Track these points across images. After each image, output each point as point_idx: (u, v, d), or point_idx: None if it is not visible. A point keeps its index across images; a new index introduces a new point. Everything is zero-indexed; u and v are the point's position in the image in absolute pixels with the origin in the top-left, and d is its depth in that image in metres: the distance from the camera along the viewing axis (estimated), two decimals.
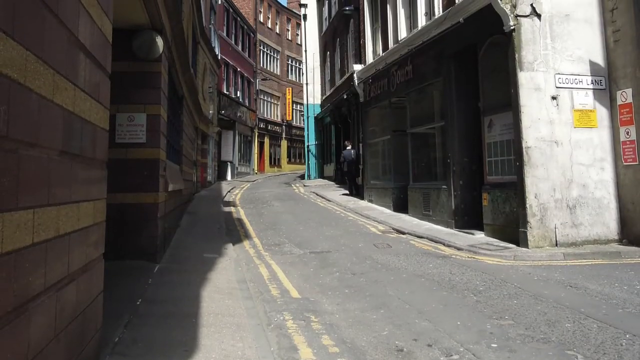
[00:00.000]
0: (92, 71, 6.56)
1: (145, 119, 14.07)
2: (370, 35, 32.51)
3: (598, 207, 17.14)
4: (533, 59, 17.19)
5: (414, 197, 24.65)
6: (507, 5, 17.25)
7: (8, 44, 4.10)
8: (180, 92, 23.19)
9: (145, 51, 14.08)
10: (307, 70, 55.20)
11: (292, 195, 36.84)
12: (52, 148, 5.22)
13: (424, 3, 24.70)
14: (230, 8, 58.14)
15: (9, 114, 4.14)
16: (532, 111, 16.97)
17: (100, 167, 7.11)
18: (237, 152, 59.75)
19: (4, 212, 4.13)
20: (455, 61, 21.28)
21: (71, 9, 5.67)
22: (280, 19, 78.49)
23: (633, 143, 16.77)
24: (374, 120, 31.50)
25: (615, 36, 17.52)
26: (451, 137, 21.30)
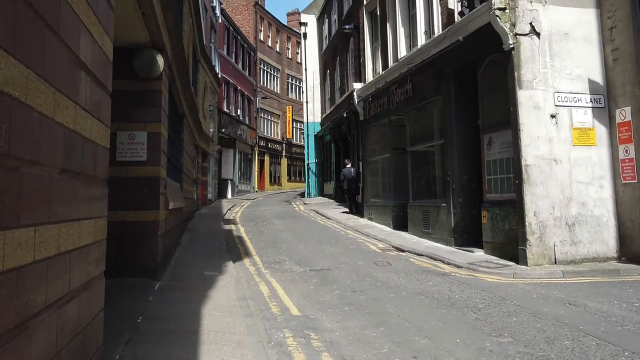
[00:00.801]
0: (93, 89, 6.58)
1: (146, 137, 14.10)
2: (370, 54, 32.60)
3: (597, 225, 17.17)
4: (532, 78, 17.25)
5: (413, 215, 24.67)
6: (507, 23, 17.31)
7: (9, 62, 4.11)
8: (180, 110, 23.23)
9: (145, 70, 14.12)
10: (307, 88, 55.25)
11: (292, 213, 36.84)
12: (53, 166, 5.22)
13: (424, 21, 24.78)
14: (231, 26, 58.29)
15: (10, 132, 4.13)
16: (532, 129, 17.02)
17: (101, 185, 7.12)
18: (237, 170, 59.78)
19: (6, 230, 4.12)
20: (455, 79, 21.35)
21: (72, 27, 5.69)
22: (281, 38, 78.65)
23: (632, 161, 16.81)
24: (374, 138, 31.55)
25: (614, 54, 17.58)
26: (451, 155, 21.35)
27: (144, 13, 12.01)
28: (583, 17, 18.04)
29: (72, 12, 5.66)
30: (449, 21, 21.55)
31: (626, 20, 17.13)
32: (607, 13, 17.85)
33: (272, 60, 74.95)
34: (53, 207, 5.26)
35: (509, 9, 17.39)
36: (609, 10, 17.76)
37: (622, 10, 17.24)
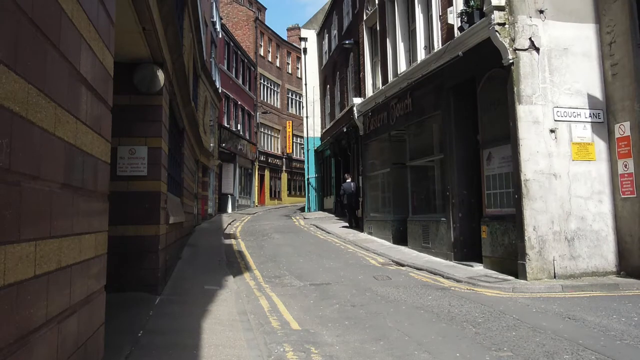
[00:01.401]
0: (94, 104, 6.60)
1: (146, 152, 14.13)
2: (370, 69, 32.69)
3: (596, 240, 17.18)
4: (532, 92, 17.29)
5: (413, 230, 24.70)
6: (506, 39, 17.37)
7: (10, 77, 4.12)
8: (181, 125, 23.27)
9: (146, 85, 14.16)
10: (307, 103, 55.36)
11: (293, 228, 36.83)
12: (54, 181, 5.23)
13: (424, 37, 24.85)
14: (231, 42, 58.39)
15: (11, 147, 4.14)
16: (531, 144, 17.06)
17: (101, 200, 7.14)
18: (237, 184, 59.80)
19: (7, 245, 4.13)
20: (454, 94, 21.40)
21: (73, 42, 5.71)
22: (281, 53, 78.77)
23: (631, 176, 16.85)
24: (374, 153, 31.60)
25: (614, 70, 17.63)
26: (450, 170, 21.38)
27: (145, 28, 12.06)
28: (582, 32, 18.10)
29: (73, 27, 5.69)
30: (448, 36, 21.62)
31: (625, 35, 17.19)
32: (606, 28, 17.90)
33: (272, 75, 75.07)
34: (54, 221, 5.26)
35: (508, 24, 17.44)
36: (608, 26, 17.82)
37: (621, 26, 17.30)
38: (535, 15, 17.68)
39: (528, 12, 17.61)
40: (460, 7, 20.50)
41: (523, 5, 17.59)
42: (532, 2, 17.71)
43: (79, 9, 5.85)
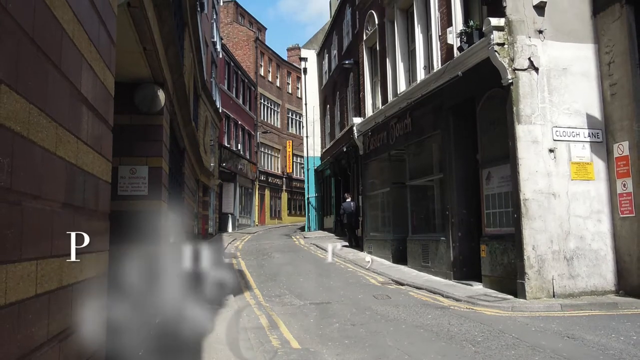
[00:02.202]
0: (95, 124, 6.62)
1: (147, 172, 14.18)
2: (369, 89, 32.76)
3: (595, 259, 17.19)
4: (531, 112, 17.34)
5: (413, 249, 24.71)
6: (505, 59, 17.42)
7: (12, 97, 4.13)
8: (181, 145, 23.34)
9: (147, 104, 14.22)
10: (307, 123, 55.43)
11: (293, 247, 36.83)
12: (55, 200, 5.23)
13: (423, 57, 24.92)
14: (231, 62, 58.53)
15: (12, 167, 4.15)
16: (530, 163, 17.10)
17: (102, 219, 7.15)
18: (237, 204, 59.87)
19: (8, 264, 4.14)
20: (454, 114, 21.45)
21: (74, 62, 5.73)
22: (281, 73, 78.97)
23: (630, 195, 16.88)
24: (374, 172, 31.65)
25: (612, 89, 17.68)
26: (450, 190, 21.42)
27: (146, 48, 12.13)
28: (581, 52, 18.15)
29: (74, 48, 5.70)
30: (448, 56, 21.68)
31: (624, 55, 17.24)
32: (605, 48, 17.96)
33: (272, 95, 75.24)
34: (55, 241, 5.25)
35: (507, 45, 17.50)
36: (607, 46, 17.88)
37: (620, 46, 17.36)
38: (534, 35, 17.74)
39: (527, 33, 17.67)
40: (460, 28, 20.61)
41: (522, 26, 17.65)
42: (531, 22, 17.78)
43: (80, 29, 5.87)
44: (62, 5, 5.24)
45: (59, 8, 5.16)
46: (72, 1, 5.52)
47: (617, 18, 17.48)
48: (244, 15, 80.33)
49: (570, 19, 18.26)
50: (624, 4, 17.19)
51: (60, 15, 5.23)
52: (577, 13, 18.35)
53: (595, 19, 18.32)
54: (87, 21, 6.15)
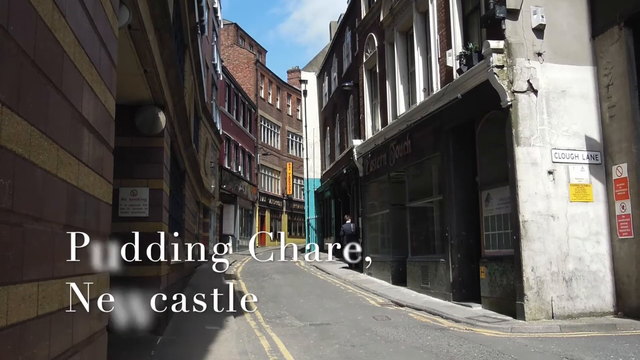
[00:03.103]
0: (96, 146, 6.63)
1: (147, 194, 14.20)
2: (369, 111, 32.86)
3: (594, 280, 17.21)
4: (530, 134, 17.39)
5: (412, 270, 24.73)
6: (505, 81, 17.49)
7: (13, 119, 4.13)
8: (182, 167, 23.36)
9: (148, 127, 14.26)
10: (308, 145, 55.60)
11: (293, 269, 36.81)
12: (56, 222, 5.23)
13: (423, 79, 25.01)
14: (232, 84, 58.68)
15: (13, 188, 4.15)
16: (529, 185, 17.15)
17: (103, 241, 7.20)
18: (238, 225, 59.88)
19: (9, 285, 4.13)
20: (453, 136, 21.52)
21: (75, 85, 5.74)
22: (281, 95, 79.18)
23: (628, 217, 16.91)
24: (373, 194, 31.72)
25: (611, 111, 17.73)
26: (449, 211, 21.46)
27: (146, 70, 12.17)
28: (580, 74, 18.22)
29: (75, 70, 5.72)
30: (447, 79, 21.77)
31: (622, 77, 17.30)
32: (604, 71, 18.03)
33: (272, 117, 75.42)
34: (56, 262, 5.26)
35: (506, 67, 17.58)
36: (606, 68, 17.95)
37: (619, 68, 17.42)
38: (533, 57, 17.82)
39: (526, 55, 17.75)
40: (459, 50, 20.70)
41: (521, 48, 17.73)
42: (530, 44, 17.87)
43: (81, 51, 5.88)
44: (63, 28, 5.26)
45: (60, 30, 5.18)
46: (73, 23, 5.53)
47: (615, 40, 17.56)
48: (245, 37, 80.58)
49: (569, 42, 18.35)
50: (623, 27, 17.27)
51: (62, 37, 5.24)
52: (575, 35, 18.44)
53: (593, 42, 18.41)
54: (88, 43, 6.17)
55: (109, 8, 7.18)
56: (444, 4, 22.57)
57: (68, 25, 5.41)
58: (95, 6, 6.46)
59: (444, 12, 22.68)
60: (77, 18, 5.75)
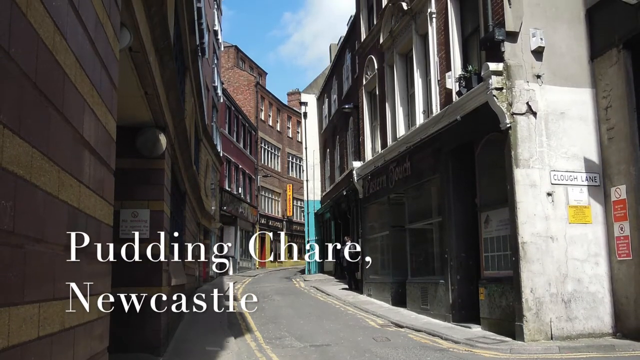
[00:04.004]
0: (97, 168, 6.66)
1: (148, 215, 14.25)
2: (369, 133, 32.93)
3: (592, 302, 17.21)
4: (529, 156, 17.42)
5: (412, 292, 24.73)
6: (504, 103, 17.53)
7: (14, 141, 4.14)
8: (183, 189, 23.41)
9: (148, 148, 14.33)
10: (308, 167, 55.74)
11: (293, 290, 36.86)
12: (57, 243, 5.25)
13: (422, 101, 25.06)
14: (232, 106, 58.82)
15: (15, 210, 4.15)
16: (528, 207, 17.17)
17: (104, 262, 7.23)
18: (238, 247, 59.86)
19: (11, 307, 4.14)
20: (453, 158, 21.56)
21: (76, 107, 5.77)
22: (281, 117, 79.37)
23: (627, 238, 16.92)
24: (373, 216, 31.75)
25: (610, 134, 17.77)
26: (448, 233, 21.47)
27: (147, 92, 12.23)
28: (579, 96, 18.23)
29: (76, 92, 5.76)
30: (447, 101, 21.82)
31: (621, 100, 17.34)
32: (603, 93, 18.07)
33: (272, 139, 75.57)
34: (57, 283, 5.28)
35: (505, 89, 17.61)
36: (604, 90, 17.99)
37: (617, 90, 17.46)
38: (532, 80, 17.86)
39: (525, 77, 17.79)
40: (459, 72, 20.75)
41: (520, 71, 17.78)
42: (529, 67, 17.92)
43: (82, 74, 5.92)
44: (64, 50, 5.30)
45: (61, 52, 5.21)
46: (74, 46, 5.56)
47: (614, 63, 17.61)
48: (245, 60, 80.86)
49: (568, 64, 18.41)
50: (621, 49, 17.32)
51: (63, 59, 5.27)
52: (574, 58, 18.49)
53: (592, 64, 18.45)
54: (89, 65, 6.20)
55: (109, 30, 7.23)
56: (444, 27, 22.66)
57: (69, 47, 5.44)
58: (97, 28, 6.50)
59: (443, 34, 22.76)
60: (78, 40, 5.77)
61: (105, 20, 6.94)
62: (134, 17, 9.39)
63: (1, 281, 4.00)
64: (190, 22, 23.03)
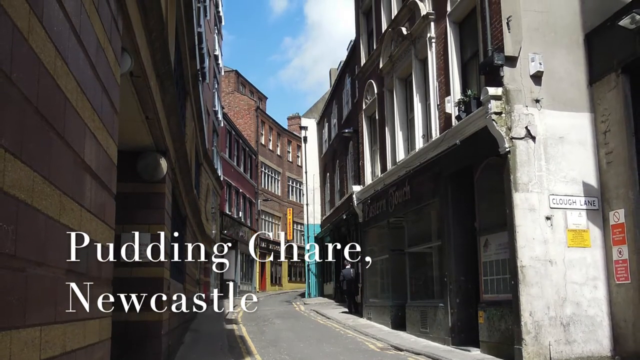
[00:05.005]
0: (98, 192, 6.70)
1: (149, 239, 14.29)
2: (369, 157, 32.99)
3: (591, 325, 17.19)
4: (528, 180, 17.45)
5: (411, 315, 24.73)
6: (503, 128, 17.57)
7: (16, 165, 4.18)
8: (183, 212, 23.44)
9: (149, 173, 14.38)
10: (308, 191, 55.87)
11: (293, 313, 36.87)
12: (58, 267, 5.30)
13: (422, 125, 25.11)
14: (233, 130, 58.95)
15: (16, 234, 4.19)
16: (527, 231, 17.18)
17: (105, 286, 7.26)
18: (239, 271, 59.83)
19: (12, 330, 4.17)
20: (452, 182, 21.58)
21: (78, 132, 5.84)
22: (281, 141, 79.52)
23: (625, 262, 16.91)
24: (373, 239, 31.77)
25: (608, 158, 17.79)
26: (448, 256, 21.47)
27: (148, 117, 12.29)
28: (577, 121, 18.24)
29: (78, 117, 5.82)
30: (446, 125, 21.87)
31: (620, 124, 17.36)
32: (601, 117, 18.10)
33: (273, 163, 75.71)
34: (59, 307, 5.30)
35: (505, 114, 17.64)
36: (603, 115, 18.02)
37: (616, 115, 17.50)
38: (531, 104, 17.89)
39: (524, 102, 17.82)
40: (458, 97, 20.81)
41: (519, 95, 17.82)
42: (528, 91, 17.96)
43: (84, 98, 5.99)
44: (65, 75, 5.36)
45: (62, 77, 5.28)
46: (75, 70, 5.62)
47: (613, 87, 17.66)
48: (245, 84, 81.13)
49: (567, 88, 18.45)
50: (620, 74, 17.37)
51: (64, 84, 5.33)
52: (573, 82, 18.53)
53: (591, 88, 18.50)
54: (91, 90, 6.26)
55: (111, 55, 7.30)
56: (443, 51, 22.75)
57: (70, 72, 5.49)
58: (98, 53, 6.57)
59: (442, 59, 22.84)
60: (80, 65, 5.83)
61: (106, 45, 7.02)
62: (134, 42, 9.46)
63: (3, 305, 4.03)
64: (191, 46, 23.15)
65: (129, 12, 8.49)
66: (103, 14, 6.83)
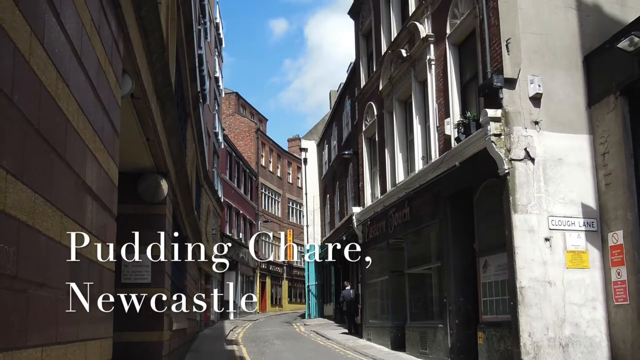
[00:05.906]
0: (99, 213, 6.73)
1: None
2: (368, 179, 33.02)
3: (590, 346, 17.17)
4: (527, 202, 17.46)
5: (411, 336, 24.71)
6: (502, 149, 17.60)
7: (17, 187, 4.22)
8: (184, 234, 23.48)
9: (150, 194, 14.43)
10: (308, 212, 55.84)
11: (293, 334, 36.81)
12: (59, 288, 5.33)
13: (421, 147, 25.15)
14: (233, 152, 59.03)
15: (18, 255, 4.22)
16: (526, 252, 17.18)
17: (106, 307, 7.29)
18: (239, 292, 59.75)
19: (14, 351, 4.21)
20: (451, 203, 21.61)
21: (79, 153, 5.89)
22: (281, 163, 79.60)
23: (624, 283, 16.93)
24: (373, 261, 31.72)
25: (607, 179, 17.81)
26: (447, 278, 21.46)
27: (149, 139, 12.35)
28: (576, 142, 18.26)
29: (79, 138, 5.88)
30: (445, 147, 21.90)
31: (618, 146, 17.39)
32: (600, 139, 18.13)
33: (273, 185, 75.75)
34: (60, 328, 5.34)
35: (504, 135, 17.67)
36: (602, 137, 18.05)
37: (615, 137, 17.53)
38: (530, 126, 17.93)
39: (523, 124, 17.85)
40: (457, 119, 20.85)
41: (519, 117, 17.85)
42: (527, 113, 17.99)
43: (85, 120, 6.04)
44: (67, 97, 5.42)
45: (64, 99, 5.33)
46: (77, 92, 5.68)
47: (611, 109, 17.70)
48: (245, 106, 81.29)
49: (566, 110, 18.48)
50: (619, 96, 17.40)
51: (65, 106, 5.39)
52: (572, 104, 18.56)
53: (590, 110, 18.54)
54: (92, 112, 6.31)
55: (112, 77, 7.36)
56: (443, 73, 22.81)
57: (71, 93, 5.53)
58: (99, 75, 6.62)
59: (442, 81, 22.91)
60: (81, 87, 5.87)
61: (107, 67, 7.08)
62: (135, 64, 9.52)
63: (4, 325, 4.06)
64: (192, 69, 23.25)
65: (129, 34, 8.55)
66: (104, 35, 6.89)
